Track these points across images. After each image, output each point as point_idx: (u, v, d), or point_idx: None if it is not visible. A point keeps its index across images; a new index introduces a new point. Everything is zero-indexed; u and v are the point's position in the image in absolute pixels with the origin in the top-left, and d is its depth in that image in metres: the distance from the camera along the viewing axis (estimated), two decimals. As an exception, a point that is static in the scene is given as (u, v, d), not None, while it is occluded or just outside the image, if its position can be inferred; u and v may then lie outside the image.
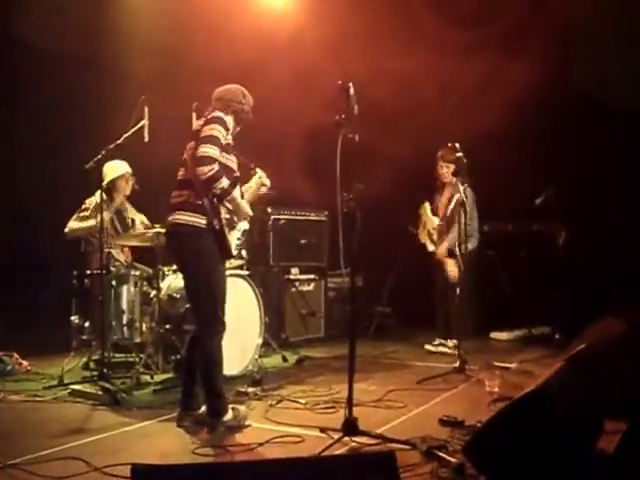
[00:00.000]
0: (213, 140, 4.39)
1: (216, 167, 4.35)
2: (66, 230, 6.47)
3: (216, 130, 4.42)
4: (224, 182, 4.41)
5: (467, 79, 8.11)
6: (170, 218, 4.53)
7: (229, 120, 4.61)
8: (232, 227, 4.67)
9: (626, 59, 7.63)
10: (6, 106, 7.11)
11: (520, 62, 7.65)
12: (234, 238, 4.72)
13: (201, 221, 4.43)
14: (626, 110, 7.51)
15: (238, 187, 4.68)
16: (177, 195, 4.54)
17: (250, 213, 4.84)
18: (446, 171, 7.27)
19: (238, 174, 4.68)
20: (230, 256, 4.67)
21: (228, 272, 5.10)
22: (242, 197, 4.77)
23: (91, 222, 6.33)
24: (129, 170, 6.58)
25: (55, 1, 7.12)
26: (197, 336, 4.62)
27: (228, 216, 4.59)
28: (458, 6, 7.83)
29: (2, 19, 7.05)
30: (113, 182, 6.50)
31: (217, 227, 4.45)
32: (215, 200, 4.47)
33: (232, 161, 4.62)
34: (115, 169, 6.48)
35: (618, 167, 7.73)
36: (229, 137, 4.59)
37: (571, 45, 8.00)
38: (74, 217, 6.48)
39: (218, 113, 4.52)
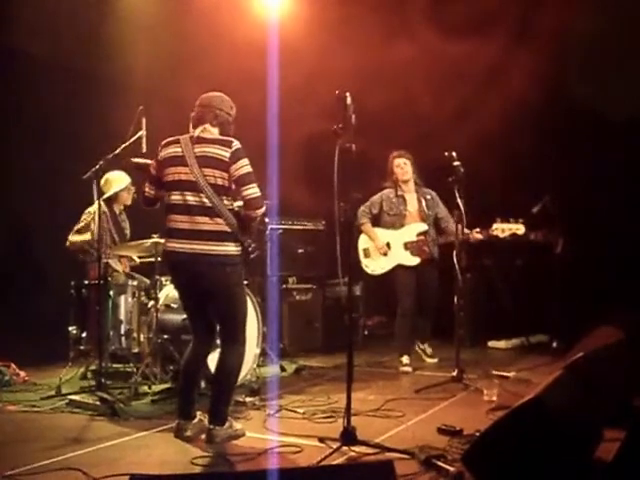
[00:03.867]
0: (253, 177, 4.46)
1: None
2: (67, 243, 6.49)
3: (249, 165, 4.46)
4: None
5: (464, 88, 8.14)
6: (203, 247, 4.40)
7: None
8: None
9: (622, 69, 7.66)
10: (4, 117, 7.10)
11: (518, 71, 7.69)
12: None
13: (238, 248, 4.48)
14: (624, 119, 7.53)
15: None
16: (208, 223, 4.41)
17: None
18: (407, 167, 7.08)
19: None
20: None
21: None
22: None
23: (87, 235, 6.38)
24: (130, 181, 6.61)
25: (54, 11, 7.14)
26: (204, 348, 4.70)
27: None
28: (457, 17, 7.86)
29: (1, 30, 7.06)
30: (116, 193, 6.54)
31: (250, 249, 4.57)
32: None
33: None
34: (119, 181, 6.53)
35: (615, 175, 7.75)
36: None
37: (569, 55, 8.01)
38: (75, 228, 6.50)
39: (238, 143, 4.47)
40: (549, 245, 7.88)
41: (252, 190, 4.42)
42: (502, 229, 6.46)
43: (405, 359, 7.08)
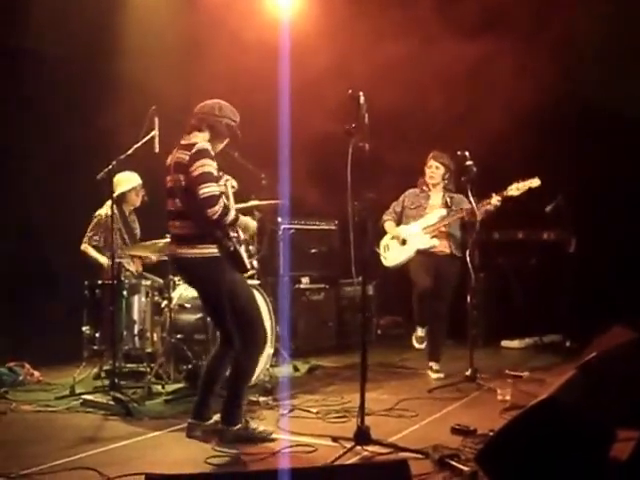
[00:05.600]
0: (209, 177, 4.36)
1: (222, 202, 4.36)
2: (82, 248, 6.51)
3: (207, 165, 4.38)
4: (231, 213, 4.44)
5: (477, 87, 8.11)
6: (178, 251, 4.52)
7: (209, 146, 4.51)
8: (240, 243, 4.68)
9: (628, 69, 7.63)
10: (15, 117, 7.13)
11: (531, 69, 7.66)
12: (243, 252, 4.70)
13: (213, 250, 4.44)
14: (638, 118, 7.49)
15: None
16: (179, 226, 4.51)
17: (254, 224, 4.86)
18: (437, 172, 6.82)
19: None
20: (246, 270, 4.70)
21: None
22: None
23: (104, 260, 6.40)
24: (140, 182, 6.62)
25: (64, 11, 7.16)
26: (225, 351, 4.64)
27: (235, 234, 4.61)
28: (467, 17, 7.84)
29: (10, 29, 7.08)
30: (124, 194, 6.54)
31: (232, 249, 4.50)
32: (224, 227, 4.50)
33: (224, 186, 4.65)
34: (127, 181, 6.51)
35: (629, 174, 7.71)
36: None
37: (578, 55, 7.98)
38: (89, 233, 6.51)
39: (201, 144, 4.45)
40: (562, 244, 7.86)
41: (205, 190, 4.32)
42: (517, 187, 6.30)
43: (420, 331, 6.75)
